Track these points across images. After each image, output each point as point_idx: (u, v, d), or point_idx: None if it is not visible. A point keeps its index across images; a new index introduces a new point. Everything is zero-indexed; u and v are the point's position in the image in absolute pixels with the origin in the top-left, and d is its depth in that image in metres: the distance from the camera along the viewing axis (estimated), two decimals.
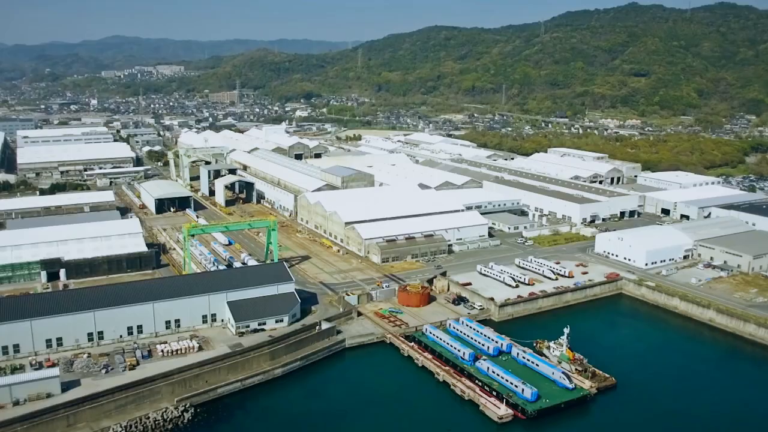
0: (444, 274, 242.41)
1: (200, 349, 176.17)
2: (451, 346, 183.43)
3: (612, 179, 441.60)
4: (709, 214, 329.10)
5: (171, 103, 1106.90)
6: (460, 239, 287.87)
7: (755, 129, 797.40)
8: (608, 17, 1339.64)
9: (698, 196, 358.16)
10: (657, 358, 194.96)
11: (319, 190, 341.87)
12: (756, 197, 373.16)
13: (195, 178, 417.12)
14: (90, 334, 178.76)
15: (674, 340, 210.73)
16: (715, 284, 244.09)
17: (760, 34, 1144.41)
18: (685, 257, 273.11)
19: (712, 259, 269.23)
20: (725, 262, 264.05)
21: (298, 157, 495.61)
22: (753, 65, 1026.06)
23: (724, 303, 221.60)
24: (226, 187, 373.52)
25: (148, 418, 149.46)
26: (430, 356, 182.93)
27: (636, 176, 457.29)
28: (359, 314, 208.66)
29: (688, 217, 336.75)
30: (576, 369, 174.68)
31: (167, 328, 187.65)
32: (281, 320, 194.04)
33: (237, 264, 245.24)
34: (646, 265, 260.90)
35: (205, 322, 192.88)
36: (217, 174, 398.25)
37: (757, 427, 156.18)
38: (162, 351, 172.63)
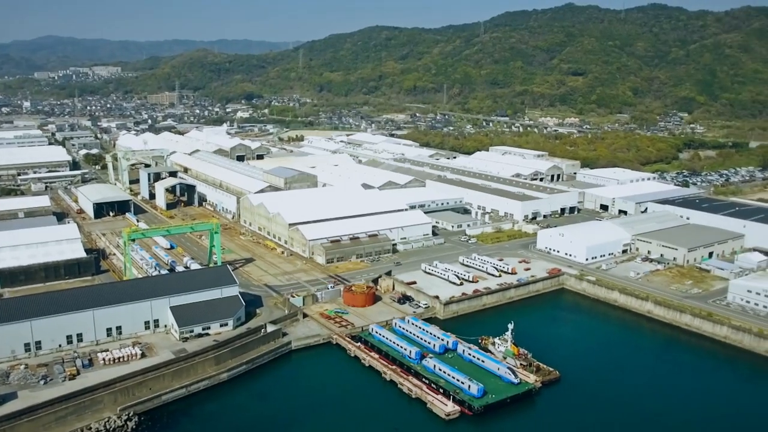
0: (389, 273, 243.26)
1: (143, 355, 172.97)
2: (398, 345, 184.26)
3: (552, 176, 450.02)
4: (646, 209, 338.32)
5: (108, 105, 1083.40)
6: (405, 238, 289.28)
7: (687, 126, 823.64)
8: (546, 18, 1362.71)
9: (635, 192, 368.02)
10: (599, 350, 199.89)
11: (262, 191, 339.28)
12: (689, 192, 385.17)
13: (134, 181, 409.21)
14: (27, 345, 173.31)
15: (615, 333, 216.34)
16: (653, 277, 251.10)
17: (690, 34, 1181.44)
18: (623, 251, 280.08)
19: (649, 252, 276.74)
20: (662, 255, 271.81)
21: (240, 158, 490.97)
22: (684, 65, 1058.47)
23: (661, 295, 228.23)
24: (167, 190, 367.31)
25: (90, 428, 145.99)
26: (376, 356, 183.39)
27: (575, 173, 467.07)
28: (305, 316, 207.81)
29: (625, 213, 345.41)
30: (521, 364, 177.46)
31: (108, 335, 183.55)
32: (226, 324, 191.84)
33: (179, 268, 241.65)
34: (587, 260, 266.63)
35: (147, 328, 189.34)
36: (158, 177, 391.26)
37: (696, 412, 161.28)
38: (103, 359, 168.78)
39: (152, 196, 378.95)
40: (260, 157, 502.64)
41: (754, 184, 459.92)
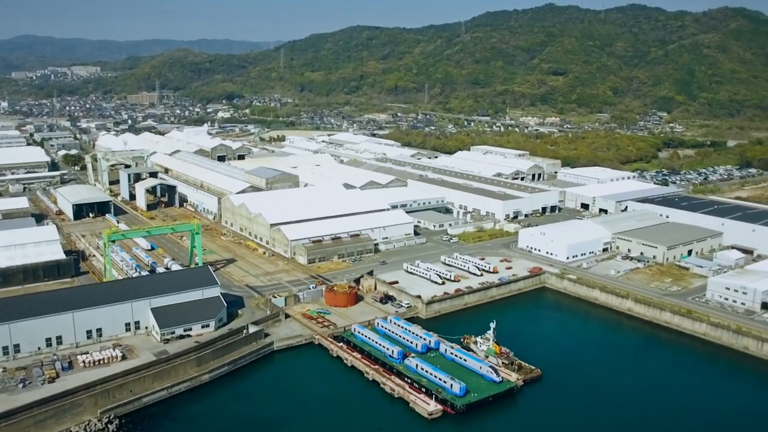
0: (371, 273, 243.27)
1: (124, 358, 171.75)
2: (380, 344, 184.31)
3: (533, 176, 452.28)
4: (626, 207, 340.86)
5: (88, 105, 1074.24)
6: (386, 238, 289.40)
7: (667, 125, 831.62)
8: (526, 17, 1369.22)
9: (615, 191, 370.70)
10: (580, 348, 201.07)
11: (243, 192, 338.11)
12: (668, 191, 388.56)
13: (114, 182, 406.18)
14: (5, 348, 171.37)
15: (596, 330, 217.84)
16: (633, 275, 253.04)
17: (669, 34, 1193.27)
18: (604, 250, 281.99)
19: (629, 251, 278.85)
20: (642, 253, 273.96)
21: (221, 159, 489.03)
22: (663, 64, 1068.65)
23: (641, 293, 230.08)
24: (148, 190, 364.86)
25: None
26: (359, 356, 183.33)
27: (556, 172, 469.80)
28: (287, 316, 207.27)
29: (606, 211, 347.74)
30: (503, 362, 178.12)
31: (89, 337, 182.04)
32: (207, 325, 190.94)
33: (160, 269, 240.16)
34: (568, 258, 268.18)
35: (128, 330, 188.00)
36: (138, 177, 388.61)
37: (677, 409, 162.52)
38: (83, 362, 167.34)
39: (132, 197, 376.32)
40: (241, 157, 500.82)
41: (732, 183, 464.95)
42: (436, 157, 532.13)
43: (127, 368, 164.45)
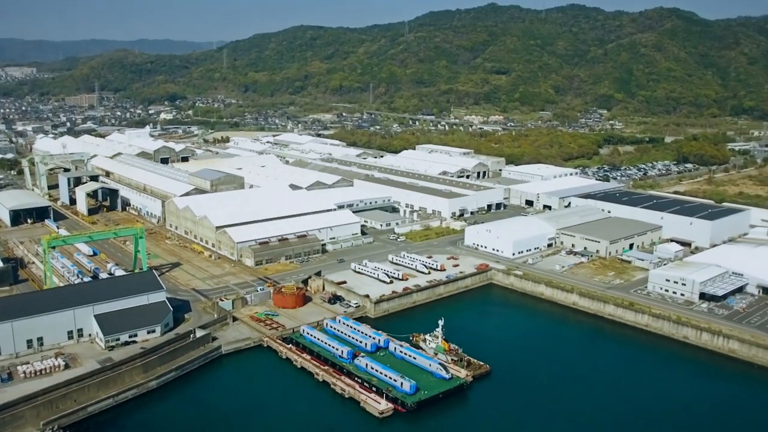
0: (318, 273, 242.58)
1: (67, 367, 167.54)
2: (329, 345, 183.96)
3: (478, 173, 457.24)
4: (569, 203, 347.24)
5: (23, 108, 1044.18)
6: (334, 238, 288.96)
7: (607, 122, 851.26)
8: (469, 17, 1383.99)
9: (558, 187, 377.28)
10: (527, 342, 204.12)
11: (187, 194, 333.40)
12: (610, 186, 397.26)
13: (53, 186, 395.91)
14: None
15: (542, 325, 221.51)
16: (577, 269, 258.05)
17: (608, 34, 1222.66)
18: (548, 245, 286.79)
19: (573, 246, 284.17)
20: (585, 248, 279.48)
21: (164, 161, 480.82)
22: (602, 63, 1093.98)
23: (585, 287, 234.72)
24: (88, 195, 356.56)
25: None
26: (308, 357, 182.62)
27: (501, 170, 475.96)
28: (234, 319, 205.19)
29: (550, 208, 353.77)
30: (452, 359, 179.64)
31: (29, 347, 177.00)
32: (153, 331, 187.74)
33: (103, 275, 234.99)
34: (514, 254, 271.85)
35: (71, 338, 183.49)
36: (78, 182, 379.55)
37: (621, 398, 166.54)
38: (24, 372, 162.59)
39: (73, 201, 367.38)
40: (185, 159, 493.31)
41: (669, 178, 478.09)
42: (382, 156, 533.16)
43: (70, 377, 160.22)
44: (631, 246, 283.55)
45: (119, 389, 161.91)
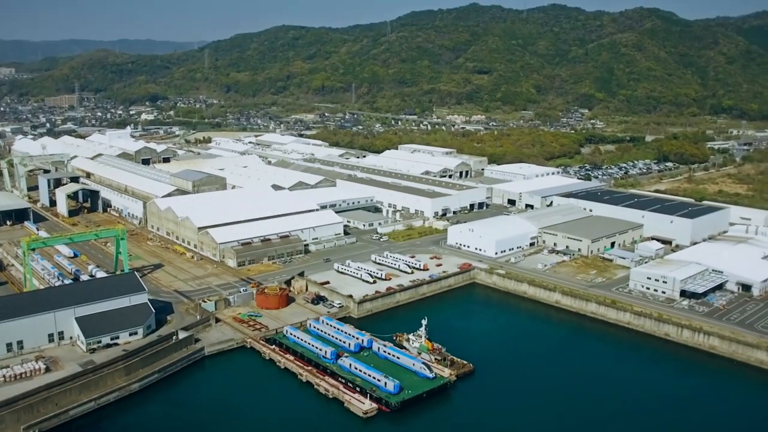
0: (302, 274, 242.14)
1: (48, 370, 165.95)
2: (313, 345, 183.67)
3: (461, 173, 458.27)
4: (551, 202, 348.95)
5: (2, 109, 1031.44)
6: (316, 238, 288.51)
7: (588, 122, 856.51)
8: (451, 17, 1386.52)
9: (540, 186, 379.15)
10: (510, 341, 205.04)
11: (169, 195, 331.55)
12: (591, 185, 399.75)
13: (33, 188, 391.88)
14: None
15: (525, 323, 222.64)
16: (559, 268, 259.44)
17: (589, 33, 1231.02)
18: (531, 244, 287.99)
19: (555, 244, 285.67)
20: (567, 246, 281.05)
21: (146, 162, 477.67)
22: (583, 63, 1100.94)
23: (567, 285, 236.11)
24: (69, 196, 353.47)
25: None
26: (292, 357, 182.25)
27: (483, 169, 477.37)
28: (217, 320, 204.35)
29: (532, 207, 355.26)
30: (435, 358, 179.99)
31: (9, 351, 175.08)
32: (135, 333, 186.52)
33: (84, 277, 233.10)
34: (496, 254, 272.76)
35: (51, 341, 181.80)
36: (58, 183, 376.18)
37: (604, 395, 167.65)
38: (4, 376, 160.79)
39: (53, 203, 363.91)
40: (167, 160, 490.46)
41: (650, 176, 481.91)
42: (365, 156, 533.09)
43: (51, 381, 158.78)
44: (612, 244, 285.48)
45: (101, 392, 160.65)
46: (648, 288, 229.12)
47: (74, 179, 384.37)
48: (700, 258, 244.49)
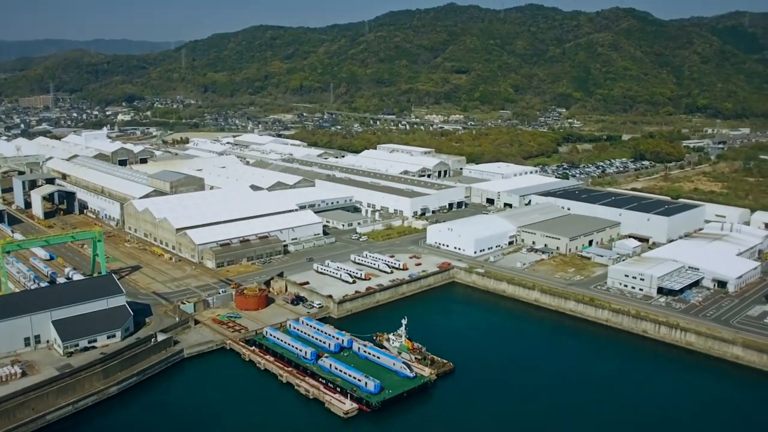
0: (281, 274, 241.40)
1: (24, 374, 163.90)
2: (293, 346, 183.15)
3: (439, 172, 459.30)
4: (530, 201, 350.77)
5: None
6: (296, 239, 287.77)
7: (566, 121, 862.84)
8: (429, 17, 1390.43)
9: (519, 185, 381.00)
10: (490, 339, 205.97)
11: (146, 196, 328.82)
12: (569, 184, 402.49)
13: (8, 190, 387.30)
14: None
15: (505, 321, 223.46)
16: (538, 266, 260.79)
17: (566, 33, 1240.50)
18: (510, 243, 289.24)
19: (534, 243, 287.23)
20: (546, 245, 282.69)
21: (123, 163, 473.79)
22: (561, 62, 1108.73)
23: (546, 283, 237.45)
24: (44, 198, 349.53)
25: None
26: (272, 358, 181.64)
27: (461, 169, 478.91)
28: (196, 322, 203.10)
29: (511, 206, 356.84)
30: (415, 358, 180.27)
31: None
32: (113, 335, 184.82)
33: (61, 280, 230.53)
34: (475, 252, 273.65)
35: (28, 344, 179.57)
36: (33, 184, 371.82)
37: (583, 393, 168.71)
38: None
39: (28, 205, 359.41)
40: (144, 161, 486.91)
41: (627, 175, 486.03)
42: (343, 156, 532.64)
43: (27, 385, 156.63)
44: (590, 242, 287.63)
45: (78, 396, 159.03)
46: (626, 285, 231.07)
47: (50, 181, 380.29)
48: (677, 255, 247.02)
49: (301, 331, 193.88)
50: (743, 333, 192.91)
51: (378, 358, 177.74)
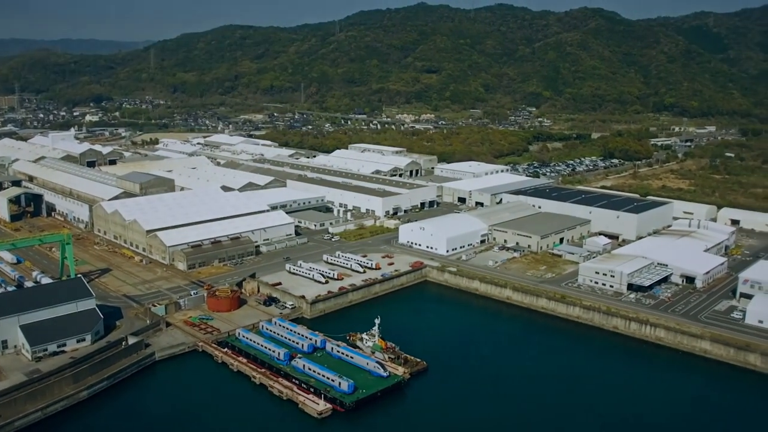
0: (253, 275, 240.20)
1: None
2: (265, 347, 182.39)
3: (411, 172, 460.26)
4: (501, 200, 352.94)
5: None
6: (267, 239, 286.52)
7: (536, 120, 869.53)
8: (399, 16, 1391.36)
9: (490, 184, 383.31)
10: (463, 337, 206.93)
11: (116, 198, 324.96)
12: (539, 182, 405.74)
13: None
14: None
15: (477, 320, 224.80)
16: (510, 265, 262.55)
17: (535, 33, 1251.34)
18: (482, 241, 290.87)
19: (505, 241, 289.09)
20: (517, 243, 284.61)
21: (91, 164, 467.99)
22: (530, 61, 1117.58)
23: (518, 281, 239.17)
24: (10, 200, 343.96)
25: None
26: (244, 360, 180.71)
27: (433, 168, 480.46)
28: (168, 324, 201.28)
29: (482, 204, 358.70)
30: (389, 357, 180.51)
31: None
32: (83, 339, 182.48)
33: (29, 284, 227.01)
34: (447, 251, 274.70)
35: None
36: None
37: (556, 389, 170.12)
38: None
39: None
40: (113, 162, 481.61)
41: (597, 173, 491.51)
42: (315, 156, 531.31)
43: None
44: (561, 240, 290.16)
45: (48, 401, 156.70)
46: (596, 282, 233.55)
47: (16, 183, 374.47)
48: (646, 252, 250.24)
49: (274, 332, 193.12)
50: (711, 327, 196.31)
51: (351, 357, 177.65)
